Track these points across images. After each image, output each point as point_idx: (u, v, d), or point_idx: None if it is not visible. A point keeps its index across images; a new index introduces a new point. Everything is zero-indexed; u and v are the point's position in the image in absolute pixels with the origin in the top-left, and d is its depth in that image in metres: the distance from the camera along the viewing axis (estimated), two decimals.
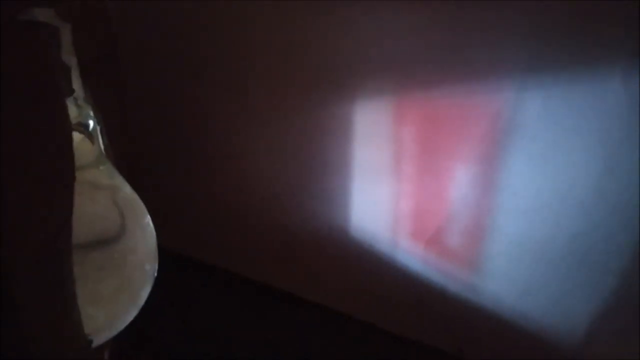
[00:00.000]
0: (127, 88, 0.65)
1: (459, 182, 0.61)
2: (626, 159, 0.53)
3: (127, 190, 0.49)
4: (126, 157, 0.56)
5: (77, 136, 0.45)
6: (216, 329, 0.74)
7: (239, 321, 0.76)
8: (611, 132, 0.52)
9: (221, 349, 0.72)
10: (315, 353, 0.72)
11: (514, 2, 0.51)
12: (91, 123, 0.45)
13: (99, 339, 0.46)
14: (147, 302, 0.50)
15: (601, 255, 0.57)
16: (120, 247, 0.47)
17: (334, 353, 0.72)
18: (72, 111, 0.44)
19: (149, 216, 0.50)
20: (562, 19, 0.51)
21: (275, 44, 0.62)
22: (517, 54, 0.54)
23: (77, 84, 0.45)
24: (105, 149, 0.49)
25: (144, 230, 0.49)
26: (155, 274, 0.50)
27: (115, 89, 0.58)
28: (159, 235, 0.52)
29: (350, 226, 0.68)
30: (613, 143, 0.52)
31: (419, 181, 0.62)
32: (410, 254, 0.66)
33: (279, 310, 0.76)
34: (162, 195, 0.75)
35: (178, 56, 0.66)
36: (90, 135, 0.45)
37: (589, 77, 0.51)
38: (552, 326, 0.63)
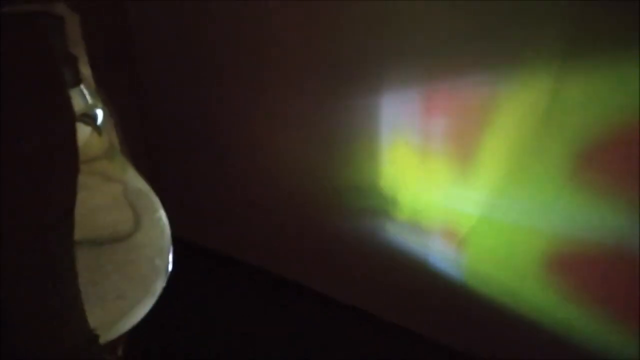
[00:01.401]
0: (144, 81, 0.65)
1: (492, 178, 0.57)
2: None
3: (139, 183, 0.48)
4: (143, 150, 0.56)
5: (85, 129, 0.44)
6: (237, 323, 0.73)
7: (259, 315, 0.75)
8: None
9: (241, 343, 0.71)
10: (338, 351, 0.70)
11: None
12: (99, 115, 0.45)
13: (107, 335, 0.45)
14: (164, 296, 0.50)
15: None
16: (132, 242, 0.46)
17: (356, 354, 0.69)
18: (79, 103, 0.43)
19: (162, 210, 0.49)
20: None
21: (298, 34, 0.60)
22: (556, 37, 0.49)
23: (85, 75, 0.45)
24: (118, 142, 0.49)
25: (156, 225, 0.48)
26: (170, 268, 0.49)
27: (131, 82, 0.58)
28: (180, 228, 0.51)
29: (378, 222, 0.65)
30: None
31: (450, 176, 0.59)
32: (443, 254, 0.62)
33: (303, 307, 0.75)
34: (182, 188, 0.74)
35: (197, 48, 0.65)
36: (98, 127, 0.45)
37: (634, 60, 0.46)
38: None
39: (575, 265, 0.56)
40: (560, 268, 0.57)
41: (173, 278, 0.51)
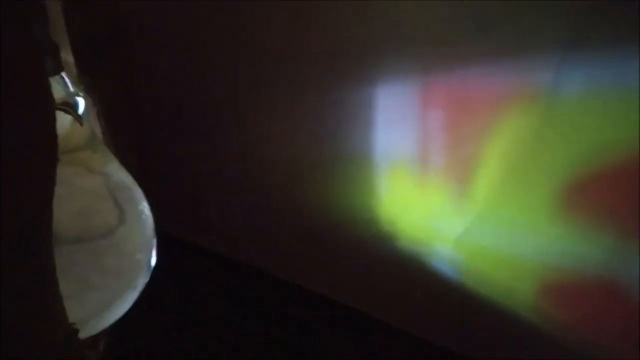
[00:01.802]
0: (133, 70, 0.63)
1: (491, 172, 0.55)
2: None
3: (122, 175, 0.47)
4: (134, 142, 0.55)
5: (66, 117, 0.43)
6: (221, 320, 0.72)
7: (242, 312, 0.74)
8: None
9: (225, 340, 0.70)
10: (333, 352, 0.69)
11: None
12: (81, 103, 0.43)
13: (87, 330, 0.44)
14: (147, 292, 0.49)
15: None
16: (114, 236, 0.45)
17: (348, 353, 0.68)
18: (59, 90, 0.42)
19: (145, 203, 0.47)
20: None
21: (293, 25, 0.59)
22: (557, 27, 0.48)
23: (68, 63, 0.44)
24: (101, 132, 0.48)
25: (139, 218, 0.47)
26: (153, 263, 0.48)
27: (119, 71, 0.57)
28: (166, 223, 0.50)
29: (374, 218, 0.63)
30: None
31: (448, 171, 0.57)
32: (438, 253, 0.61)
33: (293, 305, 0.74)
34: (169, 182, 0.73)
35: (190, 39, 0.64)
36: (79, 116, 0.43)
37: (635, 53, 0.45)
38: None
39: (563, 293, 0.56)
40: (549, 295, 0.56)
41: (157, 273, 0.50)
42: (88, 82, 0.45)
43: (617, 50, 0.46)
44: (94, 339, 0.47)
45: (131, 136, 0.59)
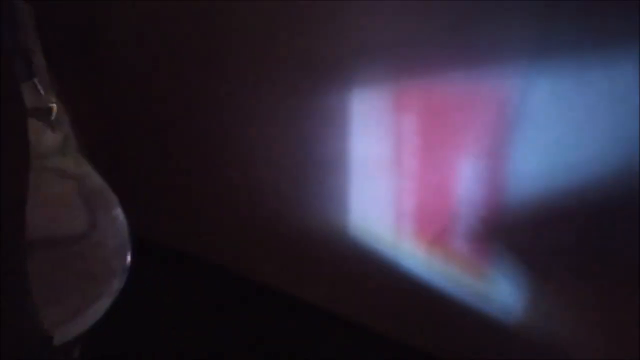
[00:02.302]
0: (107, 76, 0.64)
1: (464, 176, 0.56)
2: None
3: (95, 179, 0.47)
4: (106, 148, 0.54)
5: (37, 123, 0.43)
6: (206, 326, 0.72)
7: (221, 316, 0.74)
8: (625, 120, 0.47)
9: (203, 345, 0.70)
10: (308, 354, 0.69)
11: None
12: (53, 109, 0.43)
13: (61, 336, 0.44)
14: (123, 297, 0.49)
15: None
16: (86, 242, 0.45)
17: (328, 355, 0.69)
18: (31, 97, 0.42)
19: (119, 208, 0.48)
20: None
21: (272, 34, 0.59)
22: (525, 36, 0.49)
23: (39, 68, 0.44)
24: (74, 137, 0.47)
25: (113, 223, 0.47)
26: (128, 268, 0.48)
27: (92, 76, 0.57)
28: (149, 229, 0.50)
29: (349, 224, 0.64)
30: (627, 132, 0.47)
31: (421, 176, 0.58)
32: (413, 255, 0.62)
33: (273, 308, 0.74)
34: (152, 188, 0.74)
35: (163, 41, 0.64)
36: (51, 123, 0.43)
37: (601, 61, 0.46)
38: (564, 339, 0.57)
39: None
40: None
41: (133, 278, 0.50)
42: (60, 88, 0.45)
43: (584, 57, 0.47)
44: (69, 345, 0.47)
45: (105, 141, 0.59)
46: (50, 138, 0.44)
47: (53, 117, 0.43)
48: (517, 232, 0.56)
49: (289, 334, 0.72)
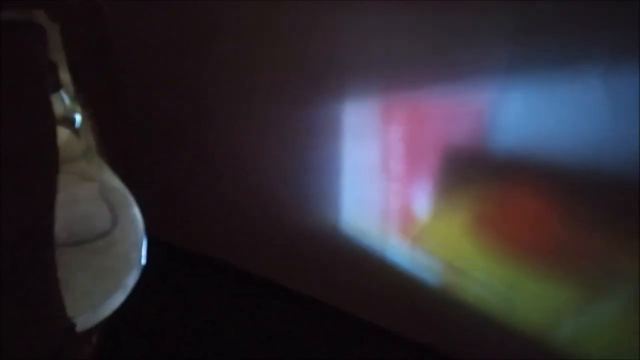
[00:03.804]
0: (122, 86, 0.67)
1: (445, 179, 0.61)
2: (607, 156, 0.53)
3: (115, 182, 0.51)
4: (122, 153, 0.58)
5: (64, 131, 0.47)
6: (208, 318, 0.77)
7: (228, 310, 0.79)
8: (592, 130, 0.52)
9: (211, 337, 0.75)
10: (303, 344, 0.74)
11: (498, 2, 0.52)
12: (77, 119, 0.48)
13: (83, 324, 0.48)
14: (140, 291, 0.53)
15: None
16: (110, 239, 0.49)
17: (321, 344, 0.74)
18: (59, 107, 0.46)
19: (136, 207, 0.52)
20: (543, 20, 0.51)
21: (267, 46, 0.64)
22: (500, 54, 0.54)
23: (65, 81, 0.48)
24: (95, 144, 0.52)
25: (132, 222, 0.51)
26: (143, 262, 0.52)
27: (109, 87, 0.60)
28: (157, 228, 0.54)
29: (341, 222, 0.69)
30: (594, 141, 0.52)
31: (406, 179, 0.63)
32: (398, 249, 0.67)
33: (271, 302, 0.79)
34: (161, 190, 0.77)
35: (173, 56, 0.68)
36: (76, 130, 0.48)
37: (569, 76, 0.52)
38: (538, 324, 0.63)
39: None
40: None
41: (143, 273, 0.54)
42: (83, 99, 0.49)
43: (552, 72, 0.53)
44: (88, 332, 0.51)
45: (119, 147, 0.63)
46: (76, 144, 0.48)
47: (78, 125, 0.48)
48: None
49: (283, 323, 0.77)
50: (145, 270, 0.55)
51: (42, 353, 0.45)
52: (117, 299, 0.51)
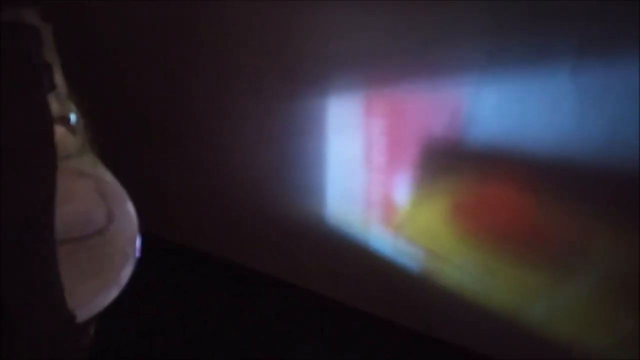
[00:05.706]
0: (106, 83, 0.68)
1: (425, 170, 0.64)
2: (575, 146, 0.56)
3: (109, 178, 0.53)
4: (111, 149, 0.60)
5: (60, 129, 0.49)
6: (198, 308, 0.79)
7: (217, 300, 0.81)
8: (561, 121, 0.55)
9: (201, 327, 0.77)
10: (291, 331, 0.77)
11: (473, 2, 0.54)
12: (73, 117, 0.49)
13: (82, 315, 0.50)
14: (133, 283, 0.55)
15: None
16: (106, 233, 0.51)
17: (309, 331, 0.76)
18: (55, 106, 0.48)
19: (130, 202, 0.54)
20: (515, 19, 0.54)
21: (252, 42, 0.65)
22: (475, 52, 0.57)
23: (59, 80, 0.49)
24: (88, 141, 0.53)
25: (126, 216, 0.53)
26: (137, 256, 0.54)
27: (96, 84, 0.62)
28: (147, 221, 0.55)
29: (326, 213, 0.72)
30: (563, 132, 0.56)
31: (388, 170, 0.66)
32: (381, 238, 0.70)
33: (259, 291, 0.81)
34: (149, 184, 0.79)
35: (158, 54, 0.70)
36: (72, 128, 0.49)
37: (541, 71, 0.55)
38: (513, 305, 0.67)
39: None
40: None
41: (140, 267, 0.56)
42: (76, 98, 0.51)
43: (525, 70, 0.56)
44: (86, 324, 0.53)
45: (111, 144, 0.64)
46: (71, 142, 0.49)
47: (73, 123, 0.49)
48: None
49: (268, 310, 0.80)
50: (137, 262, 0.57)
51: (44, 342, 0.46)
52: (112, 293, 0.53)
